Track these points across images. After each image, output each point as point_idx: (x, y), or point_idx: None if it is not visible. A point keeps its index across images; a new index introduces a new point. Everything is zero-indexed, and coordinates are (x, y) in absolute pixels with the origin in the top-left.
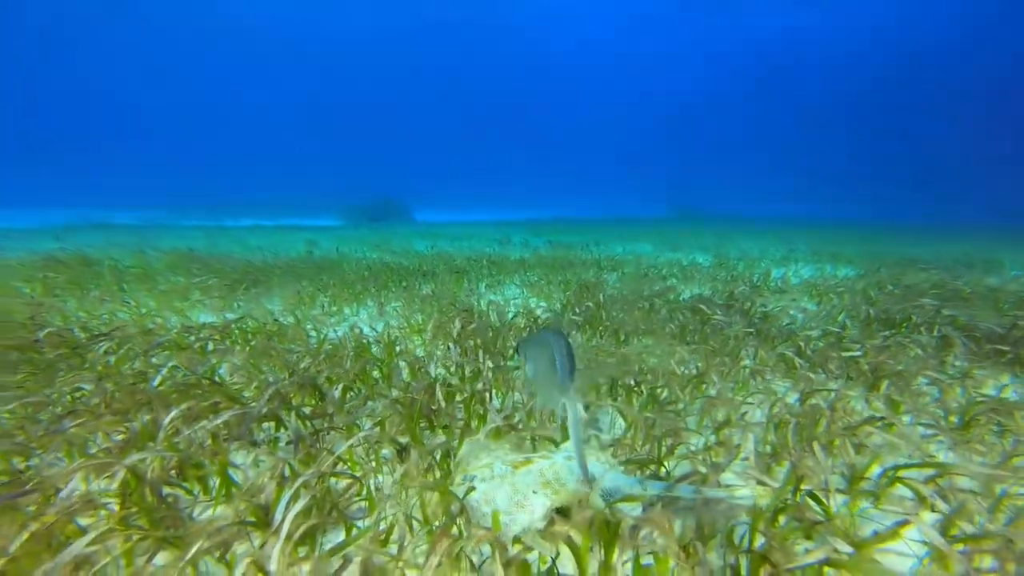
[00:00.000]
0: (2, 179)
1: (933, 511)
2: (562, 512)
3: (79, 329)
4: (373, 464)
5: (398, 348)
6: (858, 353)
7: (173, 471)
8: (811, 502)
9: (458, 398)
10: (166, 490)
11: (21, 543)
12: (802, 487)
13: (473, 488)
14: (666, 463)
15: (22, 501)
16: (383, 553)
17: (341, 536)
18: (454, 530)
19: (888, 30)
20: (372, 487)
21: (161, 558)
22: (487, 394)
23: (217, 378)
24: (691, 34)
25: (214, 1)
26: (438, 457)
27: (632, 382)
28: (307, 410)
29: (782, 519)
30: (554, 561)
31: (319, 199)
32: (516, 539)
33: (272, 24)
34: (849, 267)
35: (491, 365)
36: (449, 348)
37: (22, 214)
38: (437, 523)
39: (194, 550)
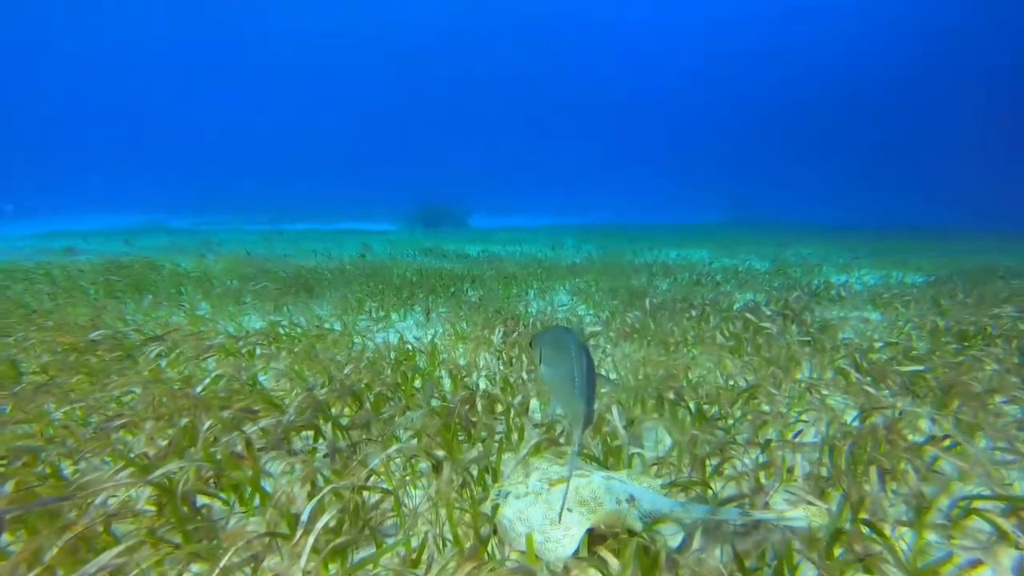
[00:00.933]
0: (80, 185)
1: (1018, 548)
2: (596, 532)
3: (135, 332)
4: (408, 477)
5: (443, 356)
6: (922, 368)
7: (211, 479)
8: (866, 531)
9: (499, 408)
10: (203, 499)
11: (54, 554)
12: (860, 515)
13: (498, 505)
14: (712, 484)
15: (64, 506)
16: (411, 574)
17: (373, 552)
18: (490, 549)
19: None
20: (405, 502)
21: (194, 568)
22: (527, 406)
23: (260, 384)
24: (751, 39)
25: (272, 8)
26: (475, 472)
27: (677, 396)
28: (345, 420)
29: (838, 550)
30: None
31: (376, 204)
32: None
33: (333, 31)
34: (918, 274)
35: (534, 376)
36: (494, 357)
37: (100, 218)
38: (469, 543)
39: (221, 564)
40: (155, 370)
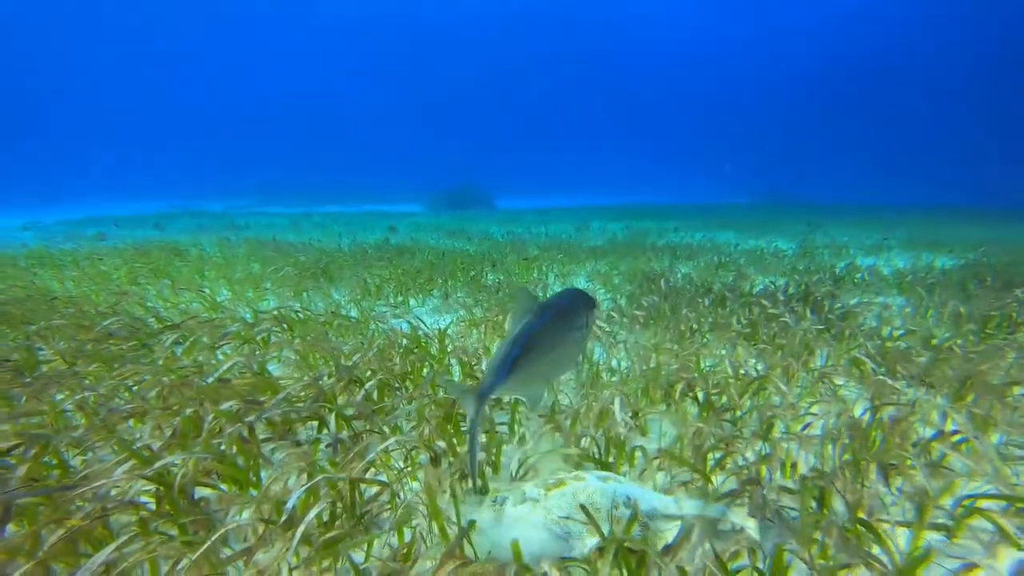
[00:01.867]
0: (116, 171)
1: (1020, 548)
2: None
3: (154, 319)
4: (408, 469)
5: (457, 343)
6: (925, 359)
7: (215, 472)
8: (863, 530)
9: (505, 398)
10: (207, 491)
11: (50, 545)
12: (858, 514)
13: (474, 523)
14: (713, 478)
15: (67, 496)
16: (394, 569)
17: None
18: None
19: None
20: (401, 495)
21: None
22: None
23: (269, 373)
24: (777, 15)
25: None
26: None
27: (685, 387)
28: (351, 411)
29: (831, 549)
30: None
31: (404, 186)
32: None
33: (363, 13)
34: (949, 257)
35: None
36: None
37: (134, 203)
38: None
39: (203, 548)
40: (169, 358)
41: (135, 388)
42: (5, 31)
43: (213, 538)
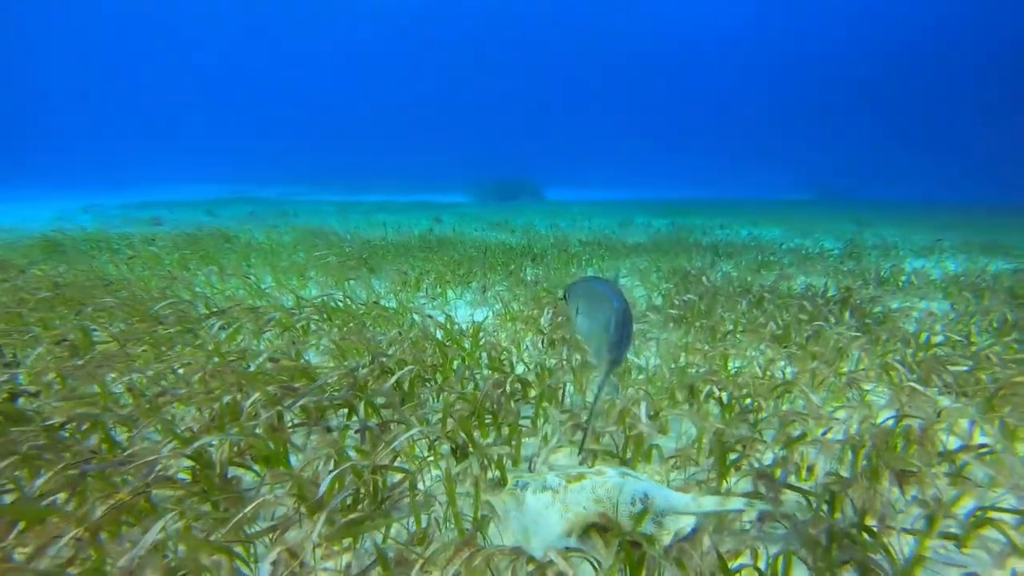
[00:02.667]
0: (174, 157)
1: None
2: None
3: (202, 304)
4: (432, 459)
5: (491, 337)
6: (966, 368)
7: (249, 453)
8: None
9: (532, 393)
10: (240, 471)
11: (101, 515)
12: (867, 521)
13: (516, 493)
14: (728, 479)
15: (115, 471)
16: (412, 551)
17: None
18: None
19: None
20: (422, 483)
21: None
22: (559, 393)
23: (307, 361)
24: (835, 4)
25: None
26: (496, 456)
27: (709, 388)
28: (382, 400)
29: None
30: None
31: (453, 176)
32: (531, 559)
33: (412, 3)
34: (1006, 260)
35: (575, 361)
36: (538, 340)
37: (189, 188)
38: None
39: (232, 524)
40: (215, 343)
41: (181, 371)
42: (76, 14)
43: (245, 511)
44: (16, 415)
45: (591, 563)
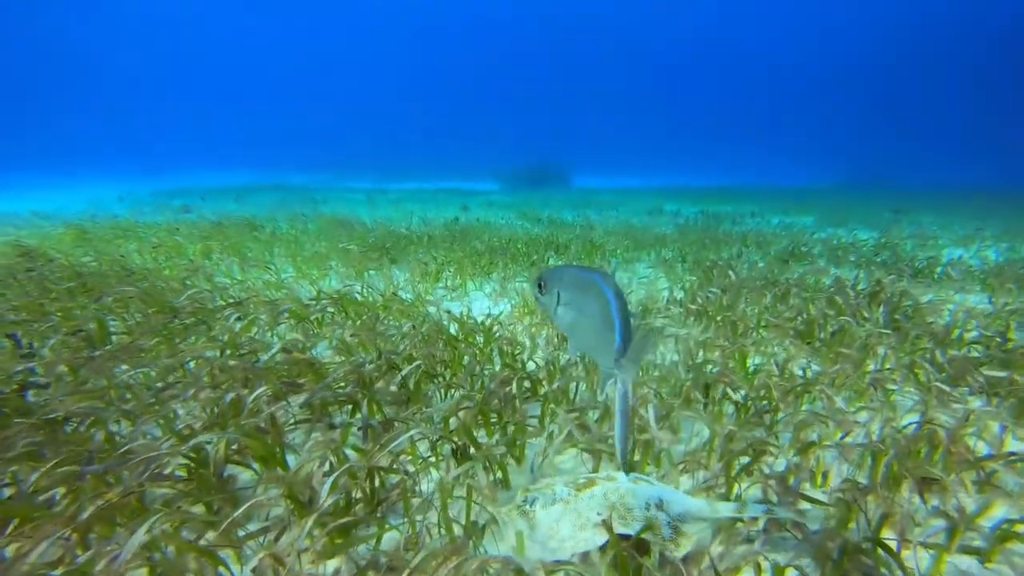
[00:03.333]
0: (206, 143)
1: None
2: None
3: (220, 296)
4: (433, 459)
5: (507, 331)
6: (991, 366)
7: (247, 451)
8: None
9: (542, 390)
10: (239, 469)
11: (88, 515)
12: (882, 534)
13: (525, 509)
14: (739, 484)
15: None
16: (400, 559)
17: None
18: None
19: None
20: (419, 486)
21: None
22: (567, 391)
23: (315, 357)
24: None
25: None
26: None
27: (725, 389)
28: (390, 396)
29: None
30: None
31: (482, 163)
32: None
33: None
34: None
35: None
36: (553, 334)
37: (221, 175)
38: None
39: (223, 525)
40: (229, 336)
41: (191, 364)
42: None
43: (234, 514)
44: (24, 409)
45: None
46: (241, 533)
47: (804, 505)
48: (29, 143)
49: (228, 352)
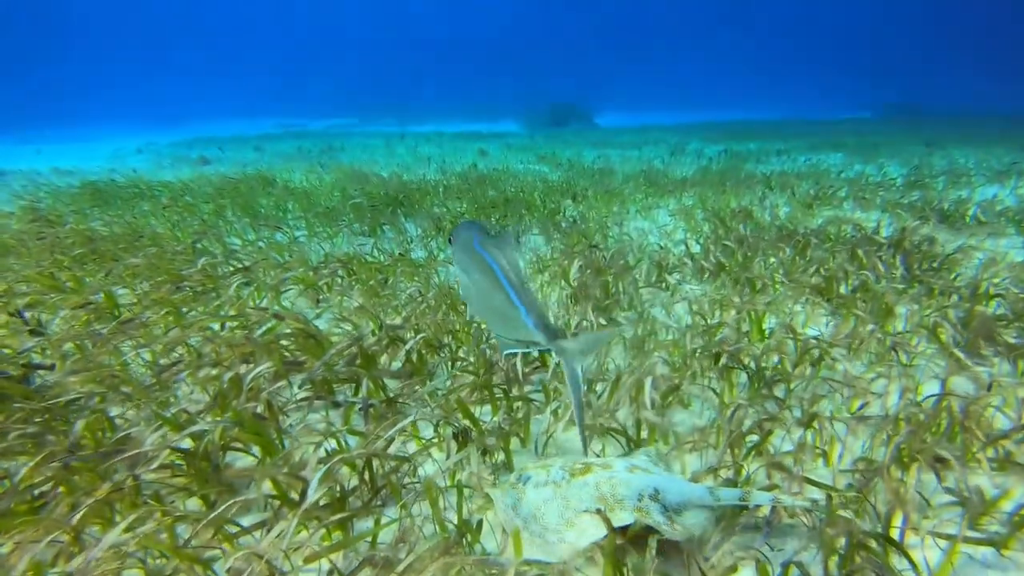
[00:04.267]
0: (231, 89)
1: None
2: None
3: (228, 261)
4: (436, 440)
5: None
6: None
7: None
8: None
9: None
10: (240, 455)
11: (82, 515)
12: (893, 523)
13: (516, 487)
14: (747, 465)
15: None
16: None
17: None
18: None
19: None
20: (426, 468)
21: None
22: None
23: (317, 329)
24: None
25: None
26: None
27: (732, 357)
28: (396, 367)
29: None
30: None
31: (503, 103)
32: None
33: None
34: None
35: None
36: (567, 294)
37: (242, 122)
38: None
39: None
40: (236, 306)
41: (195, 341)
42: None
43: (217, 510)
44: (26, 394)
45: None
46: (239, 524)
47: (813, 491)
48: (51, 98)
49: (232, 325)
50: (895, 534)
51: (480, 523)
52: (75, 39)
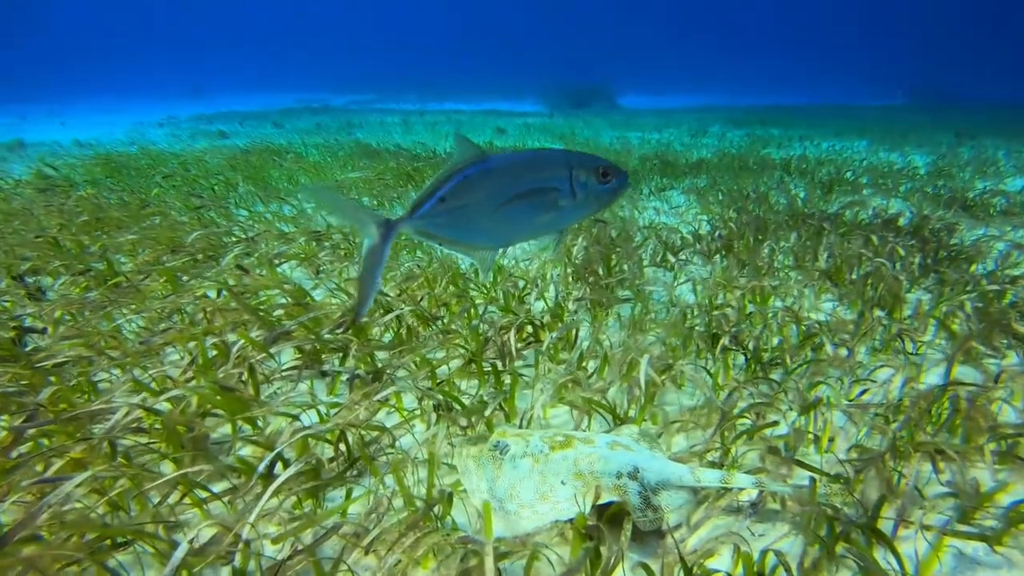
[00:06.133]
0: (256, 68)
1: None
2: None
3: (229, 232)
4: (418, 412)
5: (520, 269)
6: None
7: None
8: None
9: (546, 336)
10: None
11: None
12: (881, 513)
13: (496, 455)
14: (735, 448)
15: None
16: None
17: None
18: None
19: None
20: (399, 442)
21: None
22: (571, 338)
23: (312, 299)
24: None
25: None
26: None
27: (733, 339)
28: (388, 338)
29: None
30: None
31: (525, 82)
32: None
33: None
34: None
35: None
36: (569, 273)
37: (263, 97)
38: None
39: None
40: (236, 277)
41: (190, 308)
42: None
43: (184, 470)
44: (15, 356)
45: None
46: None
47: (801, 474)
48: (77, 72)
49: (226, 294)
50: (888, 526)
51: (451, 496)
52: (104, 13)
